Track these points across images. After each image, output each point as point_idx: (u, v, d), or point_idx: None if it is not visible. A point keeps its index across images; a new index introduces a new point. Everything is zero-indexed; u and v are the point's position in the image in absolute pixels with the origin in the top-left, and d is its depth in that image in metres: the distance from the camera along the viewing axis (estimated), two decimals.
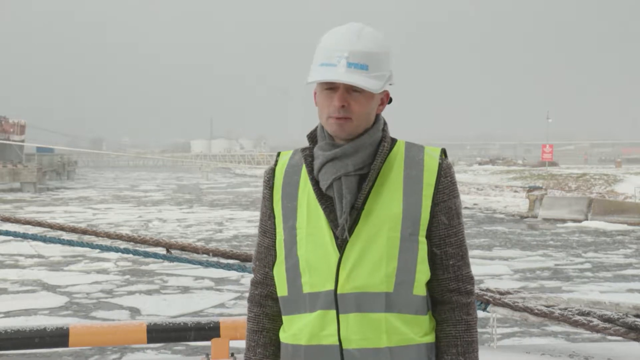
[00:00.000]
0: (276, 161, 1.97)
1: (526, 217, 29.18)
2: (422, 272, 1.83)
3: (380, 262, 1.79)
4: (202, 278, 13.95)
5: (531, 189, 33.26)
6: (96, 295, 12.73)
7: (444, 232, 1.86)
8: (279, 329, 1.96)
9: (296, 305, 1.86)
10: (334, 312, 1.80)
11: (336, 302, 1.79)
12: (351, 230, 1.81)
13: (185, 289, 13.15)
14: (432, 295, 1.90)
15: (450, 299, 1.88)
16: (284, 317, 1.91)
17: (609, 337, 5.46)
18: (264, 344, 1.97)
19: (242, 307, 11.54)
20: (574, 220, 27.03)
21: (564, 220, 27.18)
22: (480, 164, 75.70)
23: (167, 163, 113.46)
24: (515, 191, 38.34)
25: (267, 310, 1.98)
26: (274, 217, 1.93)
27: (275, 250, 1.94)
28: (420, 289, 1.83)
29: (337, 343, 1.80)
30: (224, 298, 12.30)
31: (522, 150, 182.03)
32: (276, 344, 1.97)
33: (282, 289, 1.90)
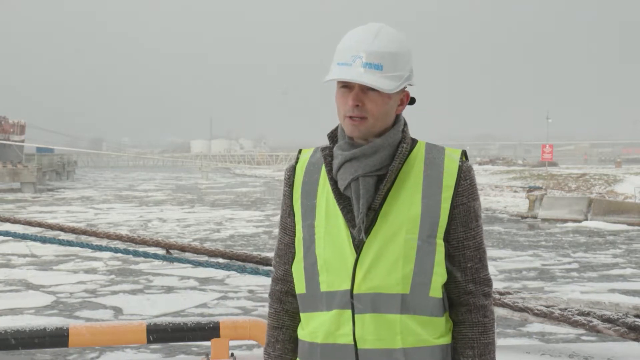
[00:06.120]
0: (297, 159, 1.98)
1: (526, 218, 29.17)
2: (439, 275, 1.84)
3: (397, 264, 1.80)
4: (188, 278, 13.96)
5: (531, 189, 33.30)
6: (82, 295, 12.76)
7: (462, 235, 1.87)
8: (299, 325, 1.97)
9: (314, 303, 1.88)
10: (349, 311, 1.81)
11: (352, 302, 1.81)
12: (368, 231, 1.82)
13: (170, 289, 13.18)
14: (449, 296, 1.91)
15: (467, 301, 1.89)
16: (301, 315, 1.93)
17: (609, 337, 5.46)
18: (283, 340, 1.99)
19: (224, 307, 11.58)
20: (574, 221, 27.03)
21: (564, 221, 27.17)
22: (480, 164, 75.58)
23: (167, 163, 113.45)
24: (515, 191, 38.33)
25: (287, 306, 2.00)
26: (294, 215, 1.95)
27: (294, 247, 1.95)
28: (436, 291, 1.84)
29: (352, 342, 1.81)
30: (207, 298, 12.31)
31: (522, 150, 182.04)
32: (295, 340, 1.98)
33: (300, 287, 1.91)
